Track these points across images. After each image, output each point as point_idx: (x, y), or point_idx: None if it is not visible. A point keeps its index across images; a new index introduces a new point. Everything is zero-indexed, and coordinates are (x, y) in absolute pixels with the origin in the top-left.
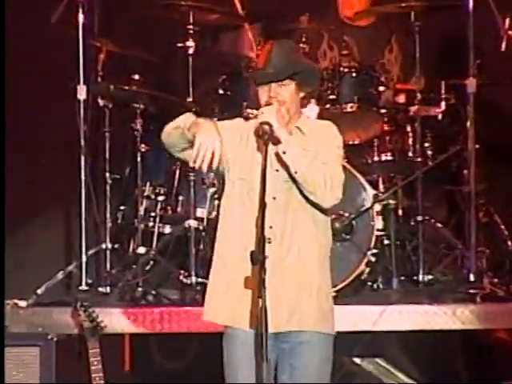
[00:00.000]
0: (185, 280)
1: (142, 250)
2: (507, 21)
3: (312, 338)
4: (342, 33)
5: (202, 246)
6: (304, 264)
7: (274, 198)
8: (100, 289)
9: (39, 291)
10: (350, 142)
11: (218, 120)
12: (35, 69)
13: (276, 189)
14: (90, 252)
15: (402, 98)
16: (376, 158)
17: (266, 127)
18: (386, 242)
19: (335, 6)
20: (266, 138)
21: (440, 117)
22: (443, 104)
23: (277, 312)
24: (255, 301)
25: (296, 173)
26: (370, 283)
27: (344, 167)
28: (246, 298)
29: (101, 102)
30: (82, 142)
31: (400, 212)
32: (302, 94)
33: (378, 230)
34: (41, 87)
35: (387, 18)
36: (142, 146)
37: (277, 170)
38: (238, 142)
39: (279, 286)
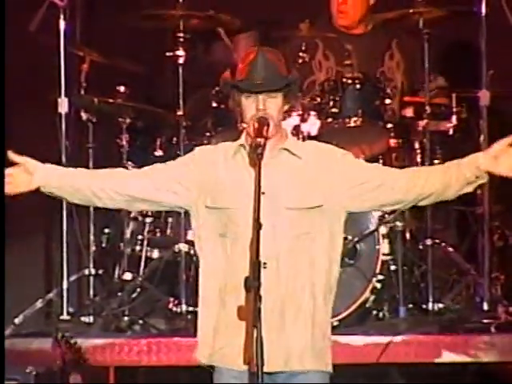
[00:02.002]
0: (174, 308)
1: (128, 276)
2: None
3: (307, 377)
4: (339, 41)
5: (192, 272)
6: (297, 296)
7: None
8: (83, 318)
9: (17, 321)
10: None
11: (211, 136)
12: (12, 80)
13: (263, 214)
14: (72, 278)
15: (409, 112)
16: None
17: (260, 140)
18: (392, 267)
19: (330, 14)
20: (259, 151)
21: (451, 132)
22: (454, 118)
23: (270, 350)
24: (249, 331)
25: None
26: (375, 312)
27: None
28: (233, 337)
29: (84, 116)
30: (64, 159)
31: (407, 235)
32: (286, 107)
33: (384, 254)
34: (19, 100)
35: (386, 23)
36: (129, 163)
37: (263, 193)
38: (212, 170)
39: (274, 318)
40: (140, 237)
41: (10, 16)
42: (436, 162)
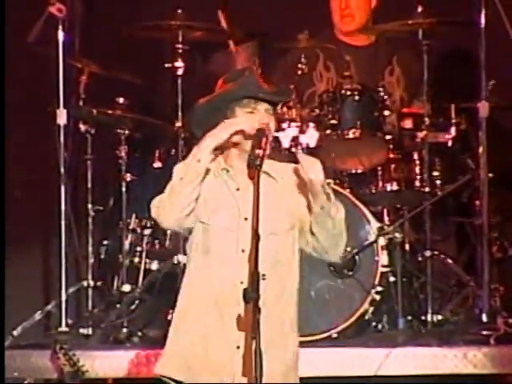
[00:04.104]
0: None
1: (126, 287)
2: None
3: None
4: (340, 52)
5: None
6: (284, 320)
7: (243, 251)
8: (81, 330)
9: (15, 333)
10: (353, 171)
11: None
12: (11, 91)
13: (245, 240)
14: (71, 290)
15: (408, 123)
16: (381, 188)
17: (259, 152)
18: (391, 278)
19: (332, 23)
20: (257, 162)
21: (450, 143)
22: (453, 129)
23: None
24: (248, 344)
25: (323, 208)
26: (374, 323)
27: (346, 197)
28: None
29: (82, 128)
30: (62, 171)
31: (407, 246)
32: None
33: (383, 265)
34: (18, 111)
35: (388, 37)
36: (127, 174)
37: (245, 219)
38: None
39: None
40: (139, 248)
41: (8, 27)
42: (435, 173)
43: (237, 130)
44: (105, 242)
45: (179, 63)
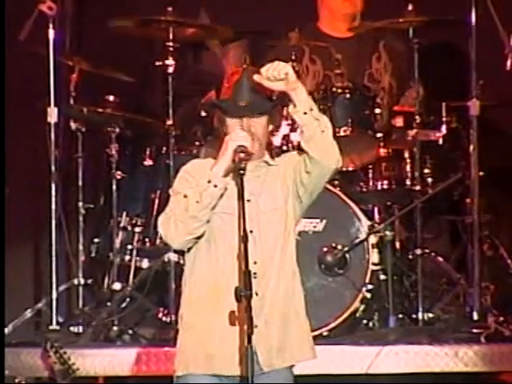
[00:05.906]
0: (164, 318)
1: (117, 285)
2: None
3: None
4: (326, 46)
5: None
6: (290, 299)
7: (252, 232)
8: (72, 328)
9: (6, 331)
10: (344, 169)
11: (201, 145)
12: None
13: (252, 221)
14: (61, 288)
15: (399, 122)
16: (371, 186)
17: (242, 155)
18: (382, 277)
19: (314, 18)
20: (242, 165)
21: (441, 141)
22: (444, 127)
23: (268, 351)
24: (241, 341)
25: (312, 110)
26: (364, 322)
27: (337, 195)
28: (221, 343)
29: (73, 126)
30: (53, 169)
31: (397, 244)
32: (270, 127)
33: (374, 264)
34: (8, 109)
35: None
36: (118, 172)
37: (248, 200)
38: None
39: (269, 323)
40: (129, 246)
41: None
42: (426, 171)
43: (235, 148)
44: (95, 240)
45: (170, 61)
